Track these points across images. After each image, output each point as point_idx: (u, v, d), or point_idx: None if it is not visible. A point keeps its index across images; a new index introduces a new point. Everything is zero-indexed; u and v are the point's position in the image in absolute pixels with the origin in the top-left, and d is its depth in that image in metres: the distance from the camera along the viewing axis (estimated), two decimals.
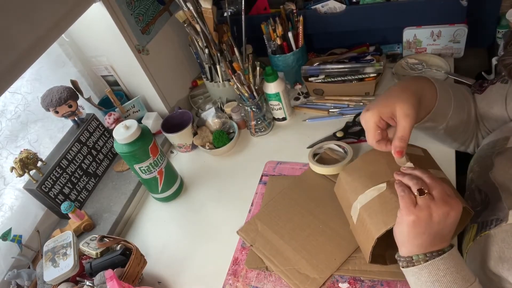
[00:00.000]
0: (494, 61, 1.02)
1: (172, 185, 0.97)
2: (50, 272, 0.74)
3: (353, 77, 1.03)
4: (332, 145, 0.93)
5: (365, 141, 0.93)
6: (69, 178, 0.97)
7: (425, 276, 0.53)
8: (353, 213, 0.63)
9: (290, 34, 1.05)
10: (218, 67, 1.09)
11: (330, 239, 0.76)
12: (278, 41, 1.06)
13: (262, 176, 0.95)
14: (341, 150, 0.92)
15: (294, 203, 0.85)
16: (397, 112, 0.58)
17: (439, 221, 0.51)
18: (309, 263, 0.73)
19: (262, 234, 0.81)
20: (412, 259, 0.54)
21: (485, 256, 0.57)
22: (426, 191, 0.52)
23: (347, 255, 0.72)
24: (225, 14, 1.11)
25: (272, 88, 1.00)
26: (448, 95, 0.68)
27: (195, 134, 1.07)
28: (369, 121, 0.60)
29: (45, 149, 0.99)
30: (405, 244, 0.54)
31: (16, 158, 0.87)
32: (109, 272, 0.70)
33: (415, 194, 0.52)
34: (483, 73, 1.06)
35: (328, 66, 1.06)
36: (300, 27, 1.06)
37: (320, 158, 0.92)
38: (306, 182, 0.89)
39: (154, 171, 0.91)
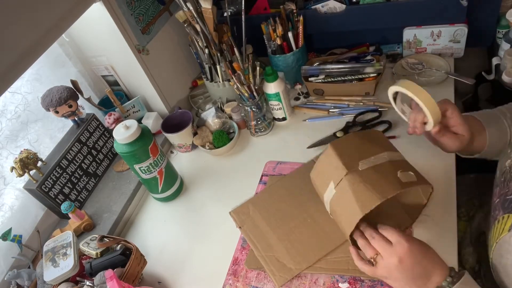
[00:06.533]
0: (494, 61, 1.02)
1: (172, 185, 0.97)
2: (50, 272, 0.75)
3: (353, 77, 1.03)
4: None
5: None
6: (69, 178, 0.97)
7: None
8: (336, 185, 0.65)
9: (290, 34, 1.05)
10: (218, 67, 1.09)
11: (314, 234, 0.77)
12: (278, 41, 1.06)
13: (262, 176, 0.95)
14: None
15: (288, 193, 0.86)
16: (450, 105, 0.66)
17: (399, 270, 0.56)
18: (289, 253, 0.75)
19: (252, 218, 0.84)
20: None
21: None
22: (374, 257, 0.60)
23: (326, 251, 0.73)
24: (225, 14, 1.11)
25: (272, 88, 1.00)
26: (503, 134, 0.69)
27: (195, 134, 1.07)
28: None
29: (45, 149, 0.99)
30: None
31: (16, 158, 0.87)
32: (109, 272, 0.70)
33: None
34: (483, 73, 1.06)
35: (328, 66, 1.06)
36: (300, 27, 1.06)
37: None
38: (305, 175, 0.88)
39: (154, 171, 0.91)
